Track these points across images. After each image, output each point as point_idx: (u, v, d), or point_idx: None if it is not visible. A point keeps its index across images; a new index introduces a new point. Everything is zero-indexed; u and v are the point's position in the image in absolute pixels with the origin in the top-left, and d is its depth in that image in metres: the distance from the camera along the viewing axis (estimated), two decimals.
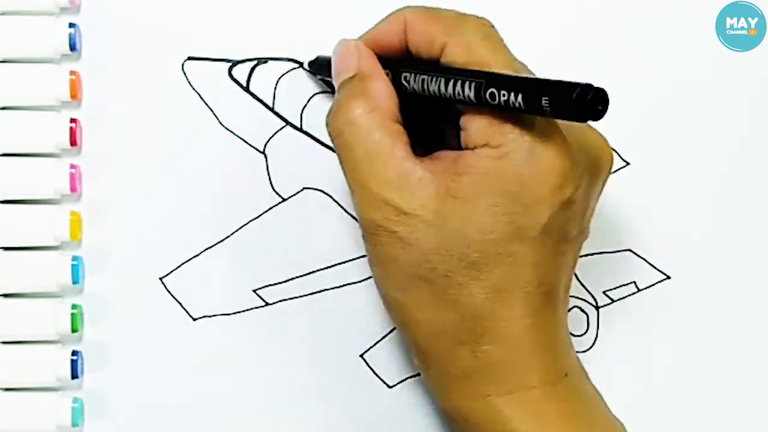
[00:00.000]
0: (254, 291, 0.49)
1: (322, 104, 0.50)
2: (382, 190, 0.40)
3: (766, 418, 0.50)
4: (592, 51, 0.50)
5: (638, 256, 0.50)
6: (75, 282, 0.48)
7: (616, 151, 0.50)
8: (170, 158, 0.49)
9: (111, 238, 0.49)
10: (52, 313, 0.47)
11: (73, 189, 0.48)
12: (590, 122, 0.37)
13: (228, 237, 0.49)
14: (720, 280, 0.50)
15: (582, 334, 0.50)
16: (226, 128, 0.49)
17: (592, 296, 0.50)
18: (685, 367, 0.50)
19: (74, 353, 0.48)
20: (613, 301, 0.50)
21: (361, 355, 0.49)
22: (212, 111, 0.49)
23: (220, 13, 0.49)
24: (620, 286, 0.50)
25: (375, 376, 0.49)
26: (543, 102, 0.36)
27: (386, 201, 0.40)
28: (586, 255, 0.50)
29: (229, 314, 0.49)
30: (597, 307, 0.50)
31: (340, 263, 0.49)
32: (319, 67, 0.48)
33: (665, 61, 0.50)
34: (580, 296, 0.50)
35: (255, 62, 0.49)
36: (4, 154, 0.48)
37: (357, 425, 0.49)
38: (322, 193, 0.49)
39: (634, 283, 0.50)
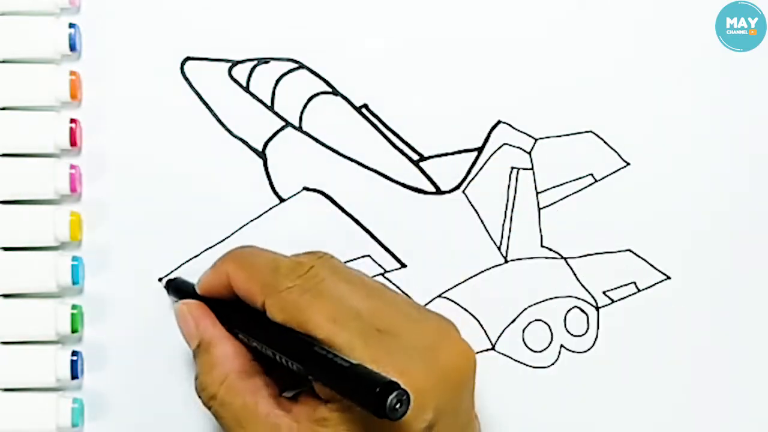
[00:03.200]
0: None
1: (322, 105, 0.50)
2: None
3: (766, 417, 0.50)
4: (591, 51, 0.50)
5: (638, 256, 0.50)
6: (75, 282, 0.48)
7: (615, 151, 0.50)
8: (170, 158, 0.49)
9: (111, 238, 0.49)
10: (52, 313, 0.47)
11: (73, 189, 0.48)
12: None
13: (228, 237, 0.49)
14: (720, 280, 0.50)
15: (582, 334, 0.50)
16: (226, 128, 0.49)
17: (592, 296, 0.50)
18: (685, 367, 0.50)
19: (74, 353, 0.48)
20: (613, 301, 0.50)
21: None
22: (212, 111, 0.49)
23: (220, 13, 0.49)
24: (620, 286, 0.50)
25: None
26: (353, 397, 0.37)
27: None
28: (586, 255, 0.50)
29: None
30: (597, 307, 0.50)
31: None
32: (176, 291, 0.48)
33: (665, 61, 0.50)
34: (580, 296, 0.50)
35: (255, 62, 0.49)
36: (4, 154, 0.48)
37: None
38: (321, 194, 0.49)
39: (634, 283, 0.50)
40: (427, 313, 0.43)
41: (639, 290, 0.50)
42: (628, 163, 0.50)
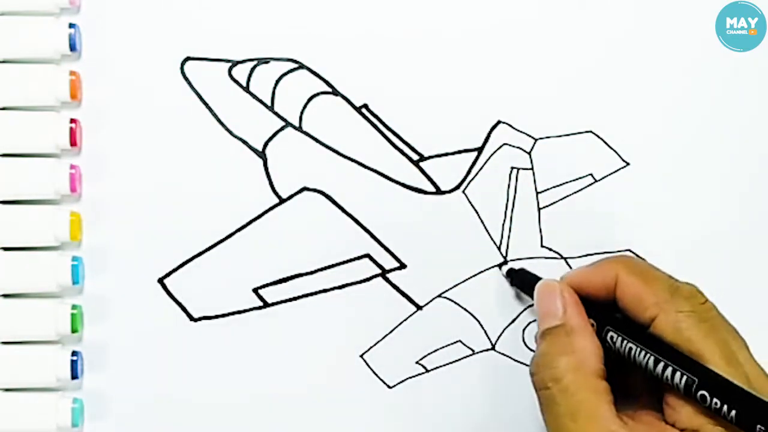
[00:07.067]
0: (254, 291, 0.49)
1: (322, 105, 0.50)
2: None
3: None
4: (592, 51, 0.50)
5: (638, 256, 0.50)
6: (75, 282, 0.48)
7: (615, 151, 0.50)
8: (170, 158, 0.49)
9: (111, 238, 0.49)
10: (52, 314, 0.47)
11: (73, 189, 0.48)
12: None
13: (228, 237, 0.49)
14: (720, 280, 0.50)
15: None
16: (226, 128, 0.49)
17: None
18: None
19: (74, 353, 0.48)
20: None
21: (361, 355, 0.49)
22: (212, 111, 0.49)
23: (220, 13, 0.49)
24: None
25: (375, 376, 0.49)
26: (757, 428, 0.37)
27: None
28: (586, 255, 0.50)
29: (229, 314, 0.49)
30: None
31: (340, 263, 0.49)
32: (521, 282, 0.48)
33: (665, 61, 0.50)
34: None
35: (255, 62, 0.49)
36: (4, 154, 0.48)
37: (357, 425, 0.49)
38: (321, 194, 0.49)
39: None
40: None
41: None
42: (627, 163, 0.50)
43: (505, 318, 0.50)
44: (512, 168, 0.50)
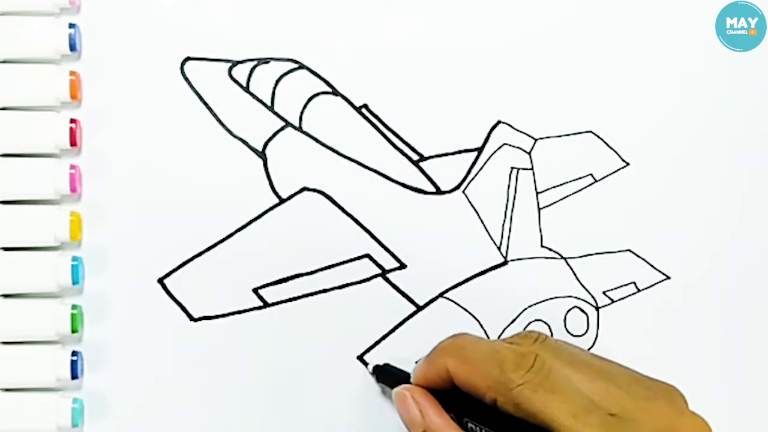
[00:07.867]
0: (254, 291, 0.49)
1: (322, 105, 0.50)
2: None
3: (766, 417, 0.50)
4: (591, 51, 0.50)
5: (638, 256, 0.50)
6: (75, 282, 0.48)
7: (615, 151, 0.50)
8: (170, 158, 0.49)
9: (111, 238, 0.49)
10: (52, 314, 0.47)
11: (73, 189, 0.48)
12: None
13: (228, 237, 0.49)
14: (720, 280, 0.50)
15: (582, 334, 0.50)
16: (226, 128, 0.49)
17: (592, 296, 0.50)
18: (685, 367, 0.50)
19: (74, 353, 0.48)
20: (613, 301, 0.50)
21: (361, 356, 0.49)
22: (212, 111, 0.49)
23: (220, 13, 0.49)
24: (620, 286, 0.50)
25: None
26: None
27: None
28: (586, 255, 0.50)
29: (229, 314, 0.49)
30: (597, 307, 0.50)
31: (340, 263, 0.49)
32: (385, 379, 0.48)
33: (665, 61, 0.50)
34: (580, 296, 0.50)
35: (255, 62, 0.49)
36: (4, 154, 0.48)
37: (357, 425, 0.49)
38: (321, 194, 0.49)
39: (634, 283, 0.50)
40: (650, 384, 0.42)
41: (639, 290, 0.50)
42: (627, 163, 0.50)
43: (505, 318, 0.50)
44: (512, 168, 0.50)
